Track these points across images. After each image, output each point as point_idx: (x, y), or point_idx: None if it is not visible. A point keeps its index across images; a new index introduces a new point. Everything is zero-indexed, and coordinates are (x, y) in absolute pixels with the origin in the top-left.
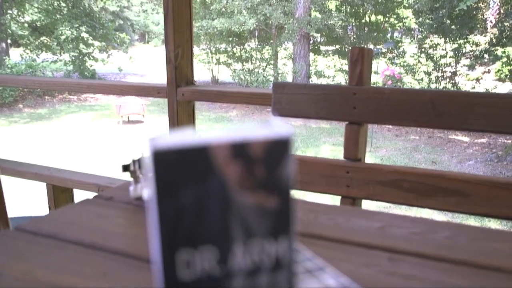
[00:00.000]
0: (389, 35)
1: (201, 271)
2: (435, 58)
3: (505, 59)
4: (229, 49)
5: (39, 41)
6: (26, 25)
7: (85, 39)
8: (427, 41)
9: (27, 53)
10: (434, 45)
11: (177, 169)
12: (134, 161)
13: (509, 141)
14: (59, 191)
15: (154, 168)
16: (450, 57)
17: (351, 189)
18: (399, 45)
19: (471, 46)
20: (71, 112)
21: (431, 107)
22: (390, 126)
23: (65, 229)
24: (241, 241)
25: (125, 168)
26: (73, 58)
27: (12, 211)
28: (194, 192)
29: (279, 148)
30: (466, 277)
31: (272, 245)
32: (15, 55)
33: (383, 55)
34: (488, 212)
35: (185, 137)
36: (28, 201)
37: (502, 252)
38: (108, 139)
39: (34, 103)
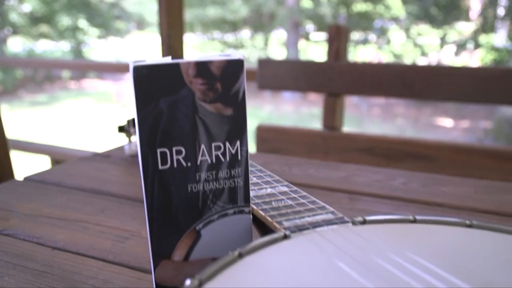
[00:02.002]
0: (379, 25)
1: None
2: (421, 45)
3: (489, 46)
4: (223, 37)
5: (38, 30)
6: (25, 14)
7: (83, 28)
8: (414, 28)
9: (27, 40)
10: (420, 33)
11: (153, 82)
12: (128, 122)
13: (490, 126)
14: None
15: (134, 81)
16: (435, 44)
17: (328, 155)
18: (387, 33)
19: (457, 34)
20: (71, 98)
21: (401, 79)
22: (378, 112)
23: (67, 178)
24: (205, 143)
25: (121, 128)
26: (72, 47)
27: None
28: (167, 102)
29: (233, 68)
30: (412, 210)
31: (229, 146)
32: (13, 44)
33: (371, 43)
34: (451, 173)
35: (159, 59)
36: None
37: (447, 193)
38: (108, 122)
39: (34, 89)
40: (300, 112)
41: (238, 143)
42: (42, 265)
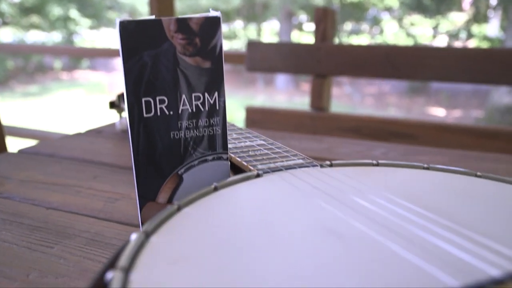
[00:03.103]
0: (372, 15)
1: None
2: (414, 35)
3: (481, 36)
4: None
5: (28, 20)
6: (15, 4)
7: (74, 19)
8: (407, 18)
9: (18, 31)
10: (413, 23)
11: (137, 36)
12: (119, 97)
13: (481, 115)
14: None
15: (120, 35)
16: (428, 34)
17: (316, 135)
18: (380, 23)
19: (449, 24)
20: (63, 89)
21: (387, 60)
22: (371, 102)
23: (60, 150)
24: (185, 93)
25: (112, 104)
26: (63, 37)
27: None
28: (150, 54)
29: (211, 24)
30: None
31: (208, 97)
32: (3, 34)
33: (363, 33)
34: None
35: (144, 18)
36: None
37: (424, 161)
38: (100, 111)
39: (25, 80)
40: (293, 101)
41: (216, 94)
42: (37, 222)
